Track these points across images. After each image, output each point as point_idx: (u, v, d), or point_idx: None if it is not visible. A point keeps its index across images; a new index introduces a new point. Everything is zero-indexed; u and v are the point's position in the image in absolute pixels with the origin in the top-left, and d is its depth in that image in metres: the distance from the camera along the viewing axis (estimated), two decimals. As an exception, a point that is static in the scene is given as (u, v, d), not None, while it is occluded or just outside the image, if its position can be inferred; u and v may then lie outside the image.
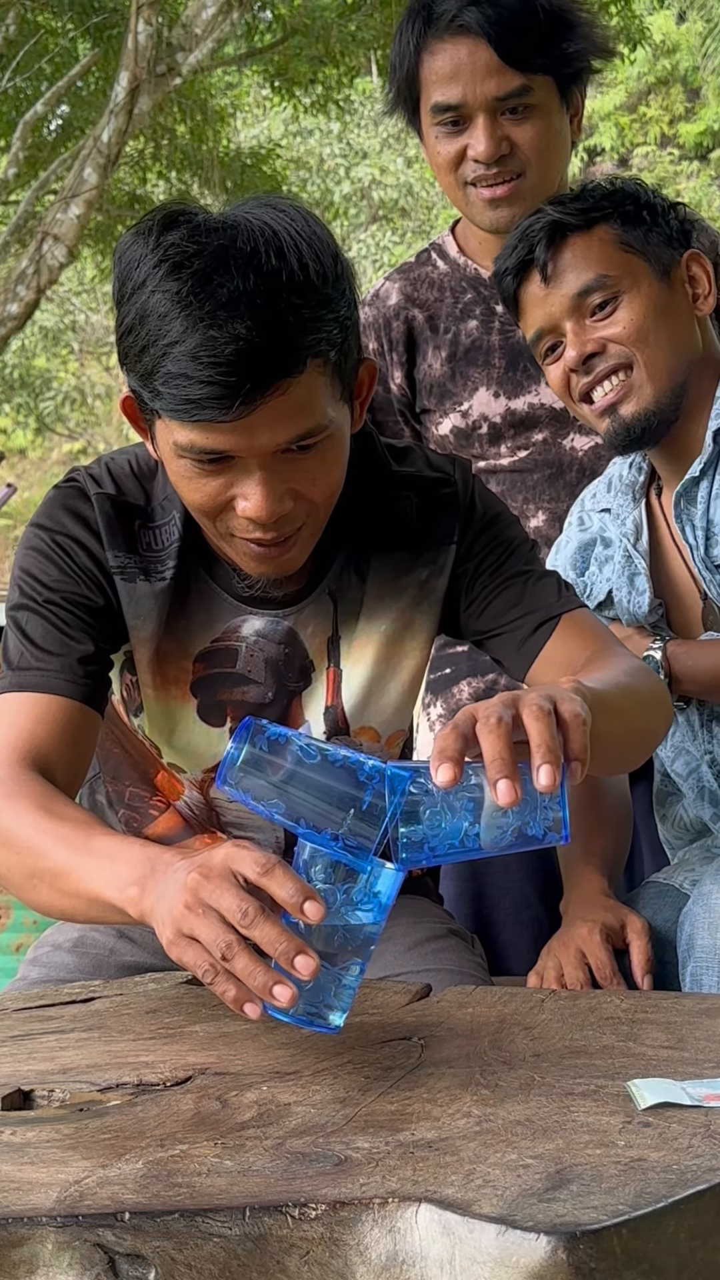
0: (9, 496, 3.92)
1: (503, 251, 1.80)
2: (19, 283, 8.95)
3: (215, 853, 1.10)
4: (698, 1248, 0.80)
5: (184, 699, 1.52)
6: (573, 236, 1.75)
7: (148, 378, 1.29)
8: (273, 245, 1.25)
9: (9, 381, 17.62)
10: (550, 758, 1.06)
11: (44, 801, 1.31)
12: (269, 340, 1.24)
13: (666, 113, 20.84)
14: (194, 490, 1.35)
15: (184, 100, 10.49)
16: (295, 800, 1.08)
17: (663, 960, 1.64)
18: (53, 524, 1.47)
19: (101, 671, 1.46)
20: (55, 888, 1.27)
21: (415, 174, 19.17)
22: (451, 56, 2.01)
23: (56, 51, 10.24)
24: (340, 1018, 1.06)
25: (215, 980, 1.06)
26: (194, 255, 1.25)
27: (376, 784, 1.08)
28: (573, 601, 1.55)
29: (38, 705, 1.41)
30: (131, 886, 1.17)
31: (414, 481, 1.54)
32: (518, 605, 1.53)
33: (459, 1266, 0.79)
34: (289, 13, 10.20)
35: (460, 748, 1.06)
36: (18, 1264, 0.82)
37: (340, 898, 1.07)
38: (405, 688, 1.58)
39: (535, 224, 1.76)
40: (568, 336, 1.75)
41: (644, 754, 1.53)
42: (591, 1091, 1.02)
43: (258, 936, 1.04)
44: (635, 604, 1.84)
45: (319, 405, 1.31)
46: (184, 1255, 0.81)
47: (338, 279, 1.31)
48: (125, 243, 1.31)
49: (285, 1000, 1.02)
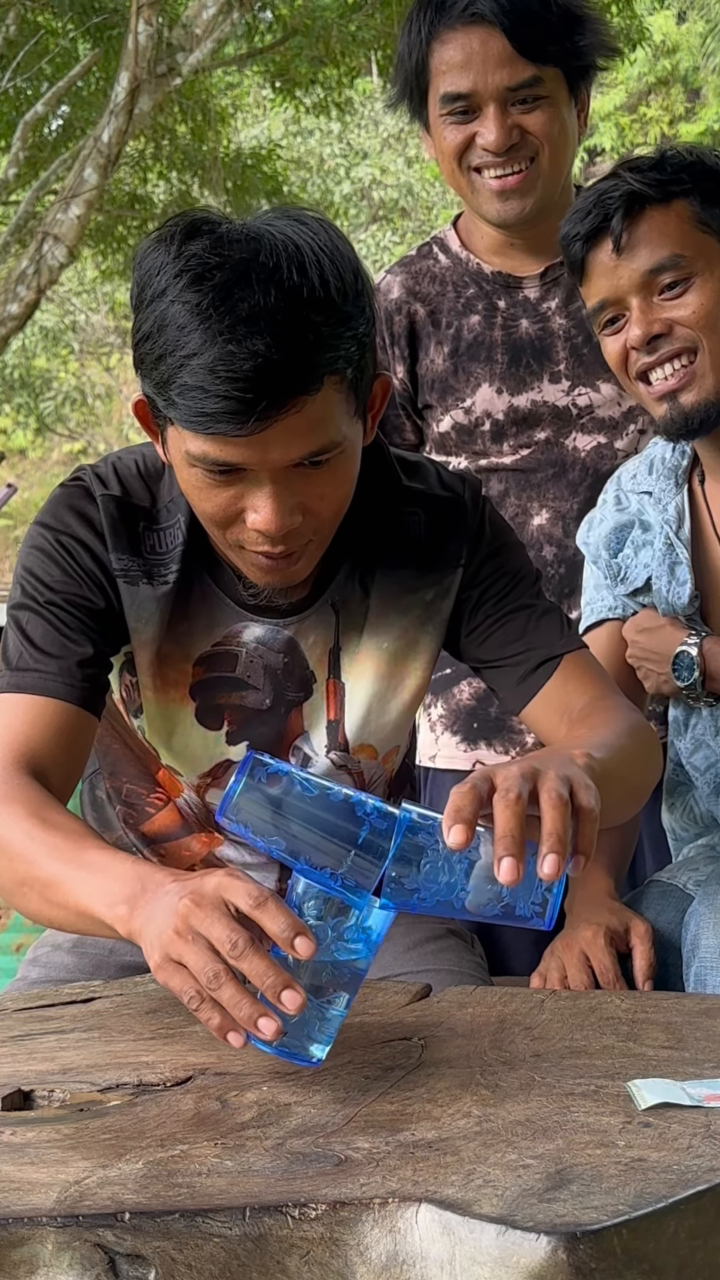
0: (9, 497, 3.92)
1: (573, 214, 1.73)
2: (19, 283, 8.95)
3: (208, 880, 1.10)
4: (698, 1248, 0.80)
5: (183, 702, 1.52)
6: (650, 209, 1.69)
7: (163, 386, 1.28)
8: (295, 260, 1.25)
9: (9, 382, 17.62)
10: (559, 849, 1.06)
11: (37, 808, 1.31)
12: (287, 357, 1.24)
13: (667, 113, 20.84)
14: (204, 500, 1.35)
15: (184, 100, 10.49)
16: (295, 836, 1.08)
17: (665, 962, 1.64)
18: (57, 523, 1.47)
19: (99, 675, 1.46)
20: (45, 897, 1.27)
21: (415, 174, 19.16)
22: (463, 45, 2.00)
23: (57, 52, 10.24)
24: (322, 1050, 1.06)
25: (200, 1007, 1.06)
26: (215, 267, 1.24)
27: (375, 821, 1.08)
28: (575, 641, 1.54)
29: (34, 708, 1.41)
30: (121, 905, 1.17)
31: (423, 498, 1.53)
32: (519, 640, 1.53)
33: (459, 1266, 0.79)
34: (289, 13, 10.20)
35: (476, 810, 1.07)
36: (18, 1264, 0.82)
37: (331, 934, 1.07)
38: (406, 706, 1.58)
39: (612, 191, 1.69)
40: (633, 313, 1.70)
41: (636, 810, 1.55)
42: (591, 1091, 1.02)
43: (246, 969, 1.04)
44: (675, 594, 1.81)
45: (333, 422, 1.31)
46: (184, 1255, 0.81)
47: (358, 295, 1.30)
48: (146, 248, 1.31)
49: (269, 1033, 1.03)
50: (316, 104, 11.12)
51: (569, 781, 1.12)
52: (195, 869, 1.61)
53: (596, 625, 1.91)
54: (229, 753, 1.54)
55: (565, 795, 1.10)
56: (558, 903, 1.08)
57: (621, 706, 1.49)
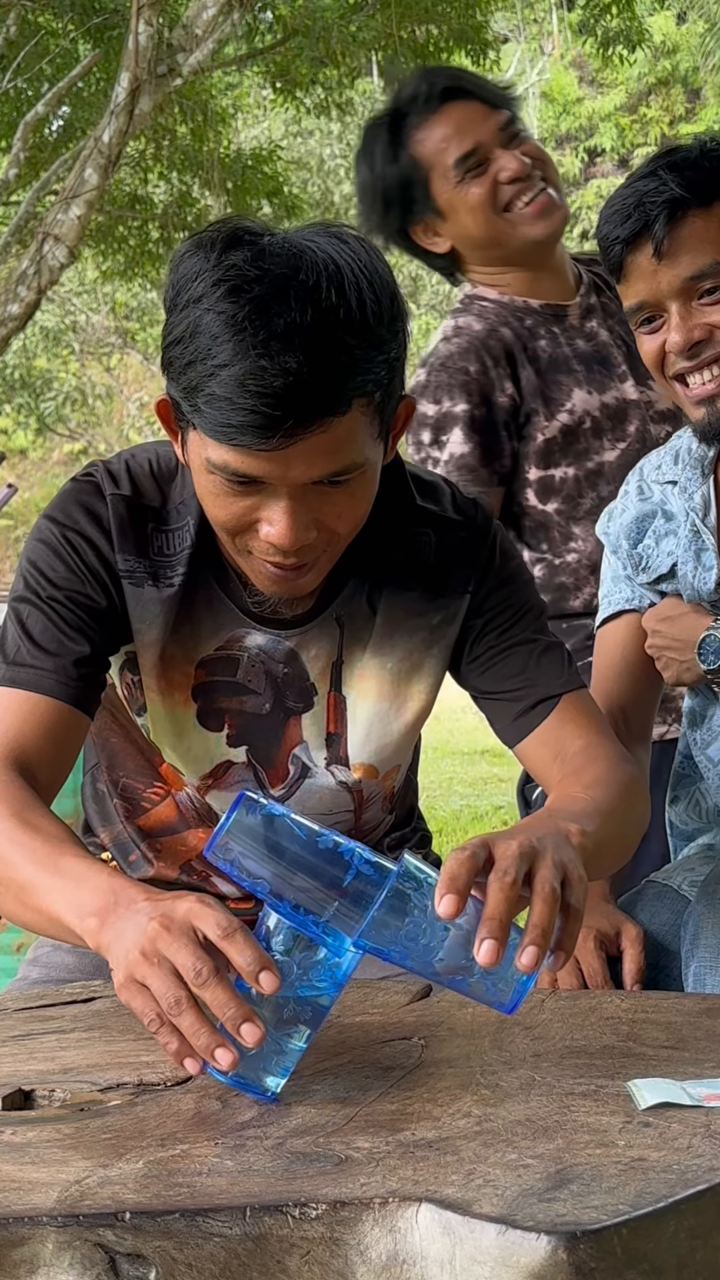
0: (9, 497, 3.92)
1: (612, 214, 1.72)
2: (20, 283, 8.94)
3: (179, 905, 1.10)
4: (698, 1247, 0.80)
5: (185, 705, 1.52)
6: (691, 213, 1.68)
7: (190, 392, 1.28)
8: (335, 280, 1.25)
9: (10, 382, 17.62)
10: (541, 943, 1.06)
11: (20, 809, 1.31)
12: (318, 377, 1.24)
13: (667, 113, 20.87)
14: (219, 507, 1.35)
15: (185, 101, 10.47)
16: (280, 878, 1.08)
17: (657, 965, 1.64)
18: (65, 519, 1.47)
19: (95, 674, 1.46)
20: (19, 900, 1.27)
21: (416, 175, 19.12)
22: (446, 120, 2.27)
23: (57, 52, 10.22)
24: (278, 1084, 1.06)
25: (159, 1030, 1.06)
26: (255, 280, 1.24)
27: (363, 869, 1.07)
28: (574, 681, 1.54)
29: (27, 704, 1.41)
30: (91, 917, 1.17)
31: (435, 520, 1.53)
32: (520, 675, 1.52)
33: (459, 1266, 0.79)
34: (290, 14, 10.19)
35: (470, 880, 1.06)
36: (18, 1264, 0.82)
37: (297, 970, 1.07)
38: (409, 727, 1.57)
39: (653, 195, 1.69)
40: (672, 318, 1.71)
41: (621, 866, 1.54)
42: (591, 1091, 1.02)
43: (208, 998, 1.04)
44: (701, 580, 1.81)
45: (357, 444, 1.31)
46: (184, 1255, 0.82)
47: (393, 319, 1.30)
48: (184, 252, 1.30)
49: (226, 1064, 1.03)
50: (317, 105, 11.11)
51: (563, 870, 1.12)
52: (191, 863, 1.61)
53: (614, 617, 1.90)
54: (229, 755, 1.54)
55: (558, 889, 1.10)
56: (525, 992, 1.07)
57: (614, 757, 1.48)
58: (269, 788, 1.54)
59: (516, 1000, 1.07)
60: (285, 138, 17.25)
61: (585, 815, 1.29)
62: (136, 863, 1.63)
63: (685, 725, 1.90)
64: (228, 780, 1.54)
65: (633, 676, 1.87)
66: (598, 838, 1.26)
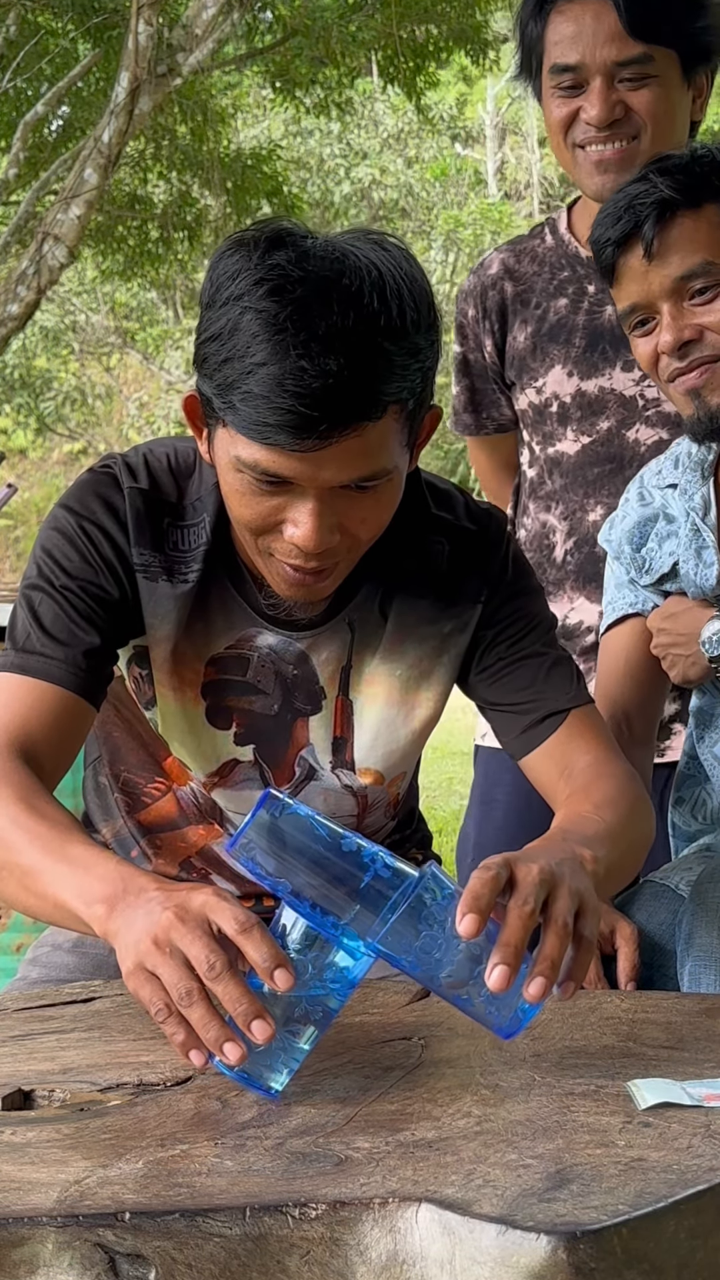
0: (9, 497, 3.92)
1: (604, 218, 1.74)
2: (19, 283, 8.94)
3: (195, 896, 1.10)
4: (698, 1247, 0.80)
5: (195, 702, 1.52)
6: (681, 215, 1.69)
7: (225, 390, 1.28)
8: (377, 286, 1.25)
9: (9, 382, 17.63)
10: (550, 974, 1.06)
11: (26, 794, 1.31)
12: (356, 381, 1.24)
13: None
14: (245, 506, 1.35)
15: (184, 101, 10.48)
16: (301, 878, 1.08)
17: (653, 964, 1.64)
18: (82, 509, 1.47)
19: (103, 666, 1.46)
20: (24, 885, 1.27)
21: (415, 174, 19.18)
22: (576, 18, 2.02)
23: (57, 52, 10.23)
24: (281, 1083, 1.06)
25: (167, 1021, 1.06)
26: (297, 281, 1.24)
27: (383, 874, 1.07)
28: (583, 696, 1.54)
29: (35, 691, 1.41)
30: (99, 904, 1.17)
31: (449, 528, 1.53)
32: (529, 688, 1.52)
33: (459, 1266, 0.79)
34: (289, 13, 10.19)
35: (493, 900, 1.06)
36: (18, 1264, 0.82)
37: (310, 969, 1.07)
38: (416, 735, 1.57)
39: (643, 197, 1.70)
40: (664, 319, 1.72)
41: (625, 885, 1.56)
42: (591, 1091, 1.02)
43: (220, 992, 1.04)
44: (702, 576, 1.82)
45: (388, 450, 1.31)
46: (184, 1255, 0.82)
47: (429, 328, 1.31)
48: (225, 249, 1.31)
49: (234, 1059, 1.03)
50: (316, 104, 11.12)
51: (579, 900, 1.12)
52: (191, 860, 1.61)
53: (618, 622, 1.91)
54: (237, 753, 1.54)
55: (570, 922, 1.10)
56: (527, 1021, 1.08)
57: (622, 775, 1.48)
58: (274, 787, 1.54)
59: (516, 1028, 1.07)
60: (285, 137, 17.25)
61: (598, 839, 1.29)
62: (136, 859, 1.63)
63: (692, 725, 1.91)
64: (234, 778, 1.54)
65: (637, 681, 1.87)
66: (608, 863, 1.27)
